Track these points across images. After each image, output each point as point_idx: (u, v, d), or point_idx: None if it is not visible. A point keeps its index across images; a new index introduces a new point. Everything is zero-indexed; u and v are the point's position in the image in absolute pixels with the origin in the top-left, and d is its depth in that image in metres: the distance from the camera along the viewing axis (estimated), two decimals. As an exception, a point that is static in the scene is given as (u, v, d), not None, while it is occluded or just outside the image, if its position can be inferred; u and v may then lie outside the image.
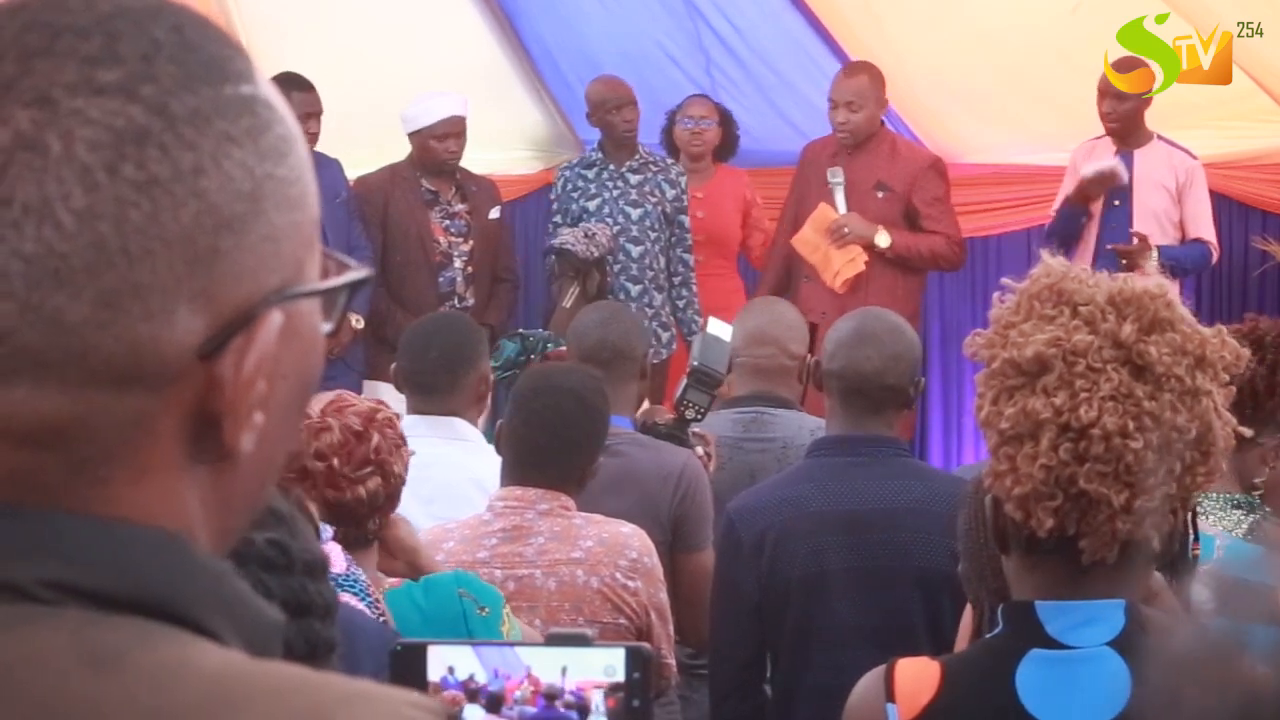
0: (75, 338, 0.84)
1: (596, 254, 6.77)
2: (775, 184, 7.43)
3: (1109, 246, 6.77)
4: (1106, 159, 6.80)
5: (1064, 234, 6.94)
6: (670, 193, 7.09)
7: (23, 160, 0.84)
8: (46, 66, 0.85)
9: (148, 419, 0.87)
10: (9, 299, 0.84)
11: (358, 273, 0.96)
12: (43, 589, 0.84)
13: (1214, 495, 3.17)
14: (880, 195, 6.89)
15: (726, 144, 7.43)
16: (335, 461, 2.83)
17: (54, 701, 0.83)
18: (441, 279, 6.91)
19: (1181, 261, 6.80)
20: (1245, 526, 3.18)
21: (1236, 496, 3.21)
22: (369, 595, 2.72)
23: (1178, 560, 2.06)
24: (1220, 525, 3.18)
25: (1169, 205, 6.88)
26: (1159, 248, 6.74)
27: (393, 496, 2.94)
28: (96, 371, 0.85)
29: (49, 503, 0.86)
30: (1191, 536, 2.04)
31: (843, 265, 6.81)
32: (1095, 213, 6.92)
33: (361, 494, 2.86)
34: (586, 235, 6.80)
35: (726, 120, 7.43)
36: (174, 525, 0.88)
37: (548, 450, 3.46)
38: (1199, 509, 3.12)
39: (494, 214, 7.08)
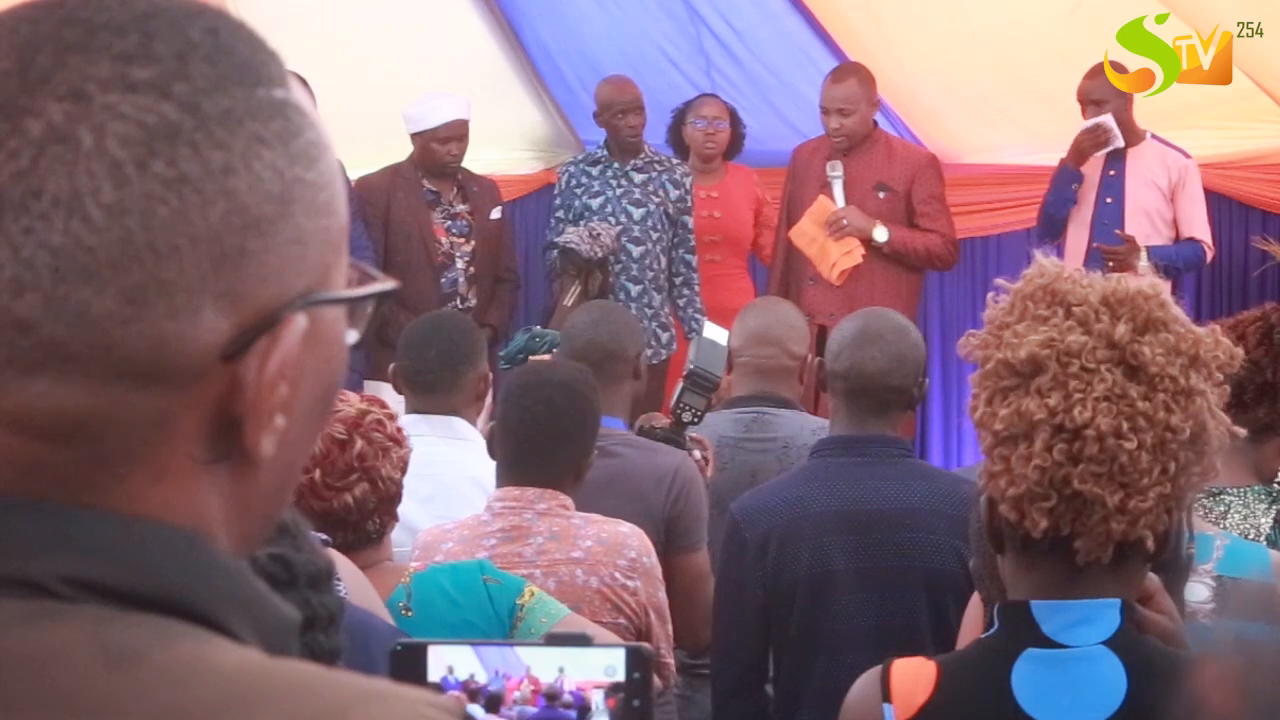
0: (99, 332, 0.84)
1: (600, 254, 6.76)
2: (776, 185, 7.44)
3: (1095, 246, 6.78)
4: (1105, 118, 6.80)
5: (1056, 201, 6.96)
6: (674, 193, 7.08)
7: (54, 153, 0.84)
8: (81, 61, 0.85)
9: (169, 417, 0.87)
10: (35, 291, 0.84)
11: (384, 283, 0.96)
12: (62, 585, 0.85)
13: (1236, 490, 3.18)
14: (881, 195, 6.91)
15: (734, 143, 7.45)
16: (317, 473, 2.84)
17: (73, 698, 0.83)
18: (444, 280, 6.92)
19: (1173, 261, 6.81)
20: (1271, 518, 3.19)
21: (1259, 488, 3.21)
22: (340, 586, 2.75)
23: (1172, 558, 2.06)
24: (1246, 519, 3.18)
25: (1162, 204, 6.89)
26: (1149, 248, 6.74)
27: (386, 499, 2.94)
28: (120, 367, 0.85)
29: (69, 498, 0.86)
30: (1187, 535, 2.04)
31: (840, 257, 6.84)
32: (1089, 202, 6.93)
33: (348, 501, 2.87)
34: (591, 235, 6.79)
35: (735, 120, 7.44)
36: (193, 524, 0.88)
37: (543, 445, 3.45)
38: (1223, 504, 3.13)
39: (495, 214, 7.08)
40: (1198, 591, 2.78)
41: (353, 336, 0.95)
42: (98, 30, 0.87)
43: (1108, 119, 6.76)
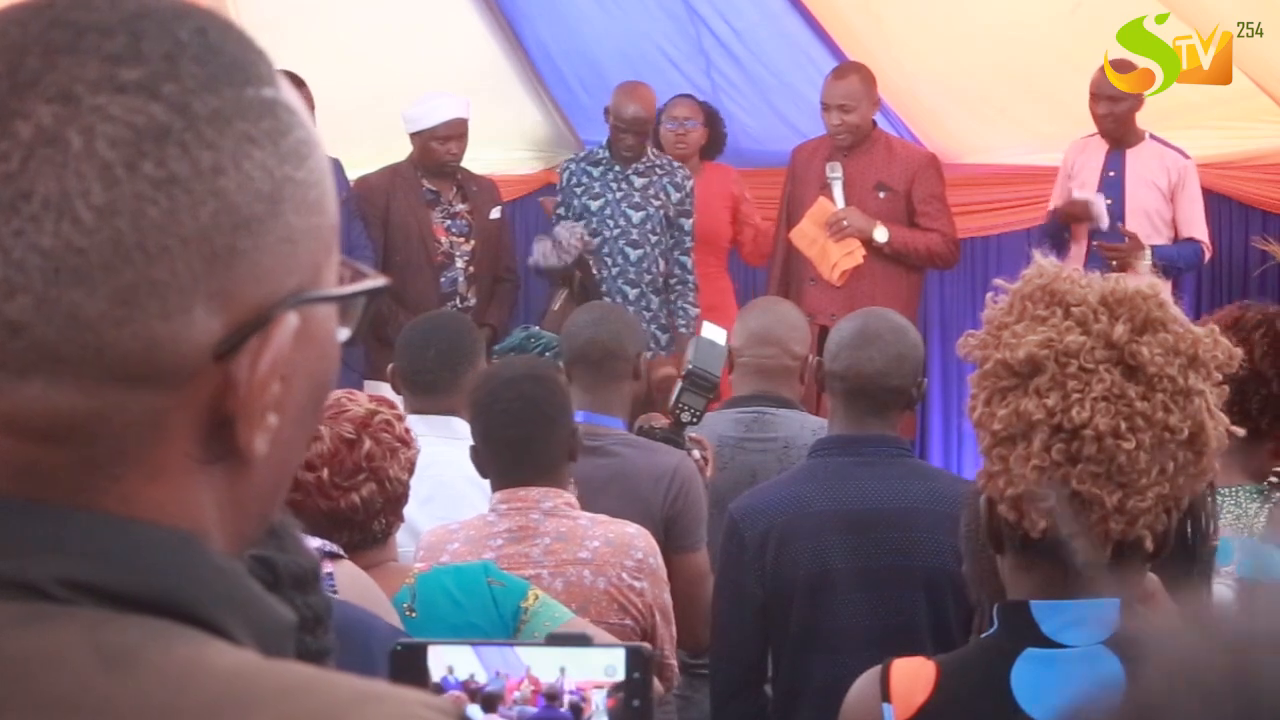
0: (91, 334, 0.84)
1: (569, 260, 6.76)
2: (776, 185, 7.44)
3: (1096, 244, 6.77)
4: (1099, 198, 6.80)
5: (1052, 243, 6.98)
6: (675, 196, 7.07)
7: (43, 155, 0.84)
8: (70, 63, 0.86)
9: (162, 417, 0.87)
10: (26, 293, 0.84)
11: (375, 281, 0.96)
12: (58, 587, 0.85)
13: (1228, 489, 3.18)
14: (881, 195, 6.91)
15: (713, 142, 7.42)
16: (325, 472, 2.84)
17: (69, 700, 0.83)
18: (443, 279, 6.92)
19: (1174, 261, 6.82)
20: (1264, 517, 3.19)
21: (1249, 487, 3.21)
22: (335, 593, 2.75)
23: (1198, 553, 2.06)
24: (1239, 519, 3.18)
25: (1161, 204, 6.89)
26: (1152, 247, 6.75)
27: (393, 500, 2.94)
28: (112, 368, 0.85)
29: (63, 499, 0.86)
30: (1212, 527, 2.04)
31: (840, 258, 6.85)
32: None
33: (355, 501, 2.87)
34: (554, 245, 6.77)
35: (713, 119, 7.41)
36: (188, 525, 0.89)
37: (534, 438, 3.43)
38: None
39: (495, 214, 7.08)
40: (1222, 594, 2.78)
41: (344, 334, 0.96)
42: (86, 32, 0.87)
43: (1099, 201, 6.77)
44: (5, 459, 0.86)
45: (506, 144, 8.28)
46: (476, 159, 7.27)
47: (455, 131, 6.87)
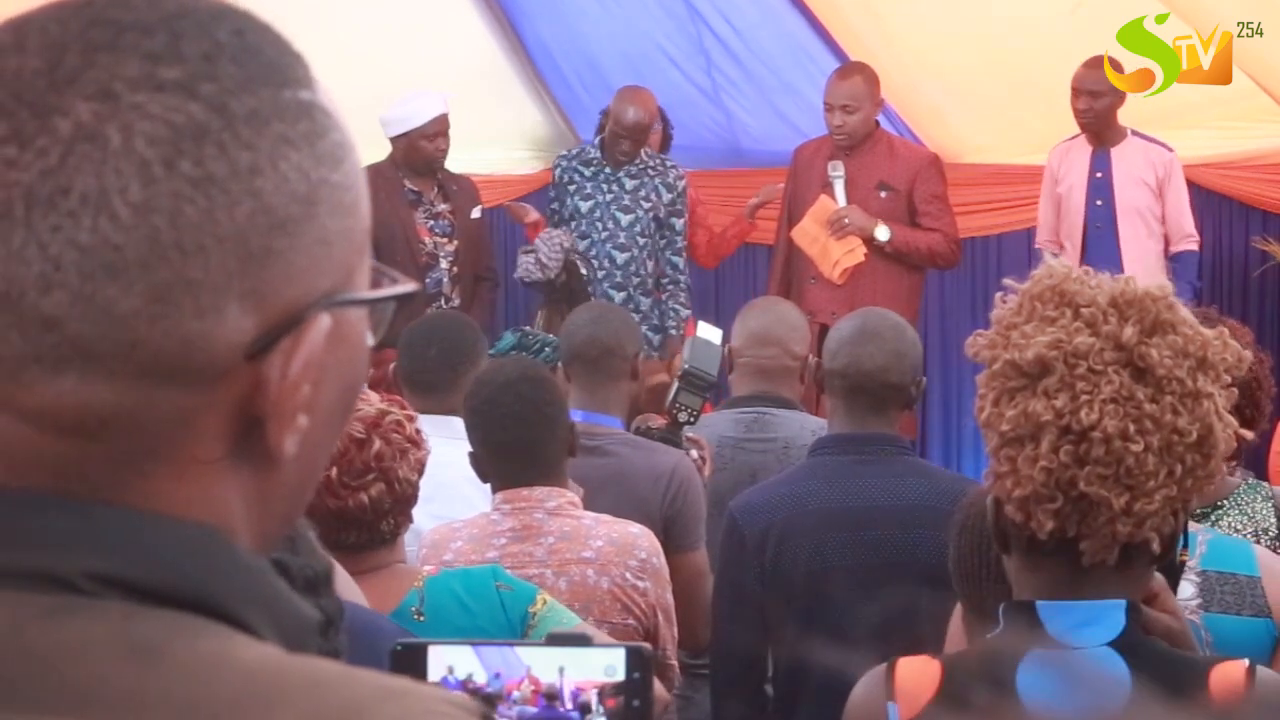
0: (125, 330, 0.85)
1: (552, 274, 6.77)
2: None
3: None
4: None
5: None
6: (666, 196, 7.07)
7: (82, 151, 0.85)
8: (109, 61, 0.86)
9: (193, 415, 0.88)
10: (62, 288, 0.84)
11: (405, 286, 0.97)
12: (86, 580, 0.85)
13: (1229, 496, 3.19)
14: (883, 195, 6.91)
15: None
16: (334, 471, 2.84)
17: (94, 692, 0.83)
18: (429, 280, 6.91)
19: (1194, 282, 6.83)
20: (1273, 513, 3.19)
21: (1244, 488, 3.22)
22: None
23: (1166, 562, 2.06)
24: (1250, 518, 3.19)
25: (1151, 201, 6.90)
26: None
27: (402, 500, 2.94)
28: (145, 365, 0.85)
29: (92, 494, 0.87)
30: (1181, 542, 2.04)
31: (841, 256, 6.85)
32: (1079, 206, 6.94)
33: (364, 500, 2.86)
34: (536, 260, 6.78)
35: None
36: (215, 522, 0.89)
37: (535, 441, 3.43)
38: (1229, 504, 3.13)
39: (475, 213, 7.08)
40: (1182, 589, 2.79)
41: (371, 339, 0.96)
42: (126, 30, 0.87)
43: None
44: (36, 453, 0.87)
45: (506, 144, 8.28)
46: (476, 159, 7.27)
47: (442, 127, 6.89)
